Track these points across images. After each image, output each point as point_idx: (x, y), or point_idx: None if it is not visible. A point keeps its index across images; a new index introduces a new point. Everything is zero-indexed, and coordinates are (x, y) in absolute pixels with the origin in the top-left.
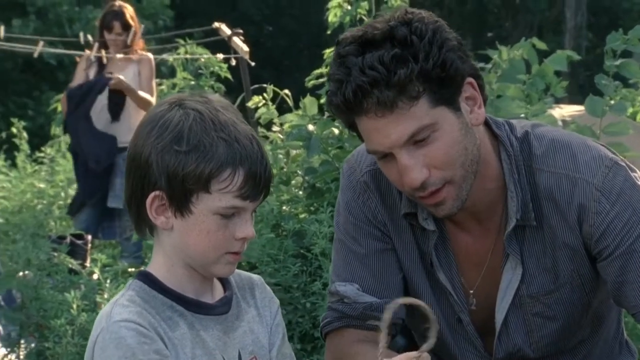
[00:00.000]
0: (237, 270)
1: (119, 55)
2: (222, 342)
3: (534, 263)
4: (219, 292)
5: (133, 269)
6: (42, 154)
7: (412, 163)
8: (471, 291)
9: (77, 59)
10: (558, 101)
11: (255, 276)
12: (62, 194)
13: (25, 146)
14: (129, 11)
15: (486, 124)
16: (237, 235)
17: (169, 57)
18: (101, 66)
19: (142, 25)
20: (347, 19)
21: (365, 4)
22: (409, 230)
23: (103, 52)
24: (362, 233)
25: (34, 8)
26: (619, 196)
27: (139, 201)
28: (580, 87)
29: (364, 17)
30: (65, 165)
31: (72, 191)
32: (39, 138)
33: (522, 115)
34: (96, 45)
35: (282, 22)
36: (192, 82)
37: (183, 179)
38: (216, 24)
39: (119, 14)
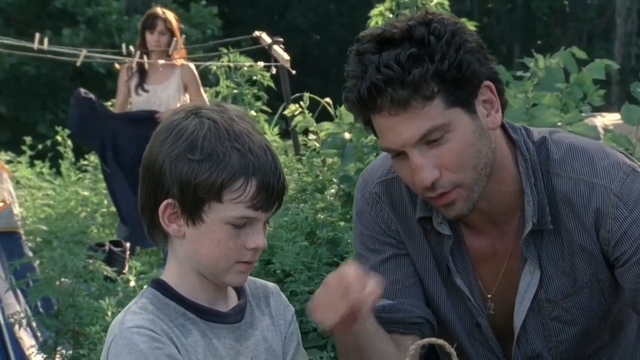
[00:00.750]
0: (252, 278)
1: (161, 61)
2: (235, 350)
3: (552, 266)
4: (233, 301)
5: None
6: (85, 162)
7: (424, 162)
8: (489, 295)
9: (117, 66)
10: (598, 109)
11: (270, 284)
12: (105, 202)
13: (69, 154)
14: (171, 15)
15: (503, 128)
16: (248, 245)
17: (212, 65)
18: (142, 76)
19: (183, 36)
20: None
21: (406, 12)
22: (423, 236)
23: (145, 58)
24: (377, 244)
25: (84, 18)
26: (637, 202)
27: (152, 208)
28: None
29: None
30: None
31: None
32: (86, 146)
33: (559, 123)
34: (137, 54)
35: (330, 30)
36: (235, 91)
37: (195, 187)
38: (256, 33)
39: (161, 15)
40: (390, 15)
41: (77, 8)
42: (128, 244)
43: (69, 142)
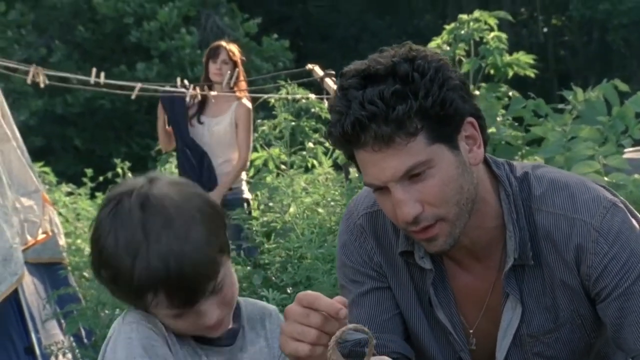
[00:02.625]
0: (253, 301)
1: (213, 93)
2: None
3: (534, 302)
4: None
5: None
6: None
7: (406, 197)
8: (471, 330)
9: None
10: None
11: (270, 306)
12: None
13: None
14: (234, 47)
15: (486, 163)
16: (207, 324)
17: (271, 98)
18: (202, 107)
19: (241, 71)
20: None
21: (463, 45)
22: (405, 270)
23: (200, 89)
24: (358, 275)
25: (158, 52)
26: (617, 237)
27: None
28: None
29: (462, 58)
30: None
31: None
32: None
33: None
34: (191, 86)
35: None
36: (293, 123)
37: (120, 297)
38: (309, 66)
39: (224, 46)
40: (448, 48)
41: (151, 42)
42: None
43: (129, 175)
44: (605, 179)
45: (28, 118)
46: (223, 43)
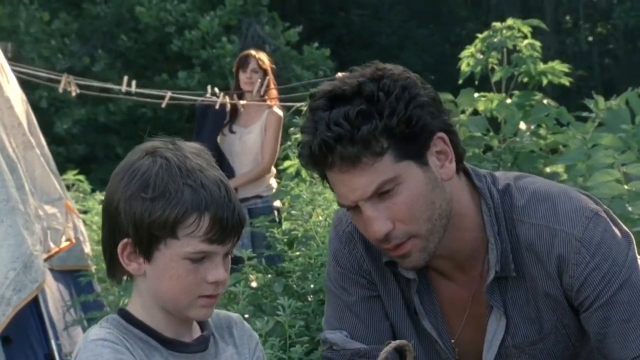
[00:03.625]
0: (216, 311)
1: (243, 102)
2: None
3: (518, 313)
4: (196, 333)
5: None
6: None
7: (376, 215)
8: (452, 340)
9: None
10: None
11: (234, 315)
12: None
13: None
14: (263, 55)
15: (467, 176)
16: (208, 279)
17: (303, 107)
18: (233, 117)
19: (271, 79)
20: (479, 68)
21: (496, 54)
22: (393, 278)
23: (230, 98)
24: (349, 282)
25: (199, 60)
26: (599, 247)
27: (111, 248)
28: None
29: (495, 67)
30: None
31: None
32: None
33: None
34: (221, 95)
35: (445, 72)
36: None
37: (149, 225)
38: (339, 74)
39: (253, 55)
40: (480, 57)
41: (193, 51)
42: None
43: None
44: (626, 187)
45: (71, 126)
46: (252, 52)
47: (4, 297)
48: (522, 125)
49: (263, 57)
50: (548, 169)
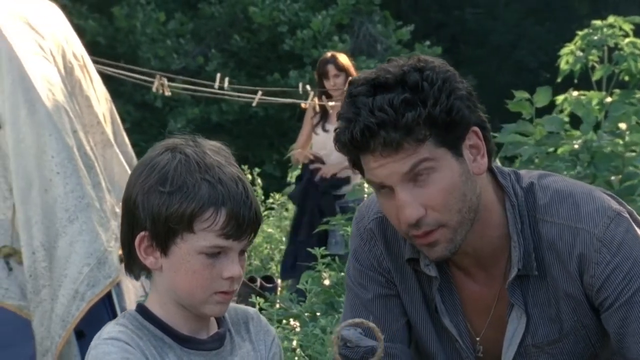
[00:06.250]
0: (233, 305)
1: (331, 103)
2: None
3: (538, 312)
4: (213, 329)
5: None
6: (270, 200)
7: (410, 200)
8: (478, 338)
9: (303, 105)
10: None
11: (251, 309)
12: (283, 239)
13: (259, 192)
14: (343, 57)
15: (492, 173)
16: (223, 275)
17: None
18: (324, 116)
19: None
20: (578, 66)
21: (596, 51)
22: (413, 276)
23: (319, 100)
24: (367, 279)
25: (310, 59)
26: (620, 247)
27: (129, 242)
28: None
29: (595, 65)
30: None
31: None
32: (274, 185)
33: None
34: (312, 94)
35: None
36: None
37: (166, 219)
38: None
39: (332, 59)
40: (581, 54)
41: (304, 50)
42: (279, 281)
43: (259, 181)
44: None
45: (185, 125)
46: (328, 55)
47: (78, 292)
48: (623, 125)
49: (341, 57)
50: (535, 171)
